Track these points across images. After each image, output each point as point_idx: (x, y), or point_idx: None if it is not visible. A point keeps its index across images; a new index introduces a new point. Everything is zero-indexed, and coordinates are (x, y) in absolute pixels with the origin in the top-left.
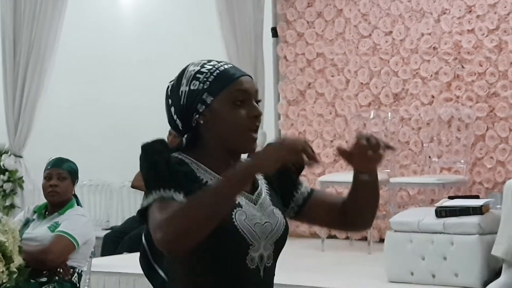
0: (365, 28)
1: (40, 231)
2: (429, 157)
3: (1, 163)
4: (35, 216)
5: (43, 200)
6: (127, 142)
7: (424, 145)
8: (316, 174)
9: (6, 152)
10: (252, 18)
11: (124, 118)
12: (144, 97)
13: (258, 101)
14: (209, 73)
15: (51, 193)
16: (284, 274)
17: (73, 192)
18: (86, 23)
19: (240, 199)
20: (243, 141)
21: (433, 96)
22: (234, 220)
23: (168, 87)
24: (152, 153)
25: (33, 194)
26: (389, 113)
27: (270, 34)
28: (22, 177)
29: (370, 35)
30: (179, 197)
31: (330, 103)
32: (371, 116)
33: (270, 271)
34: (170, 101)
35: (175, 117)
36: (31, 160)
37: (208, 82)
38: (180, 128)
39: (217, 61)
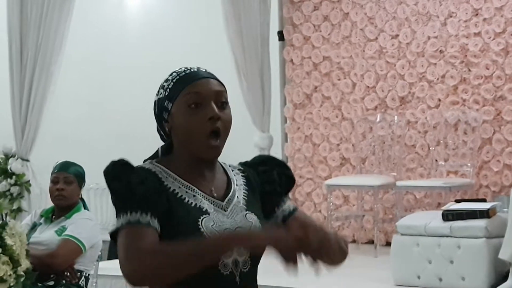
0: (372, 31)
1: (47, 235)
2: (436, 160)
3: (8, 167)
4: (42, 220)
5: (50, 204)
6: (134, 146)
7: (430, 148)
8: (323, 177)
9: (13, 156)
10: (259, 21)
11: (131, 121)
12: (150, 101)
13: (222, 103)
14: (170, 80)
15: (58, 196)
16: (290, 277)
17: (80, 196)
18: (92, 28)
19: (208, 206)
20: (201, 148)
21: (439, 100)
22: (200, 227)
23: None
24: (111, 178)
25: (40, 198)
26: (396, 117)
27: (277, 37)
28: (29, 180)
29: (377, 38)
30: (145, 219)
31: (337, 106)
32: (378, 119)
33: (248, 277)
34: (153, 113)
35: (158, 128)
36: (38, 163)
37: (168, 89)
38: (165, 137)
39: (185, 67)
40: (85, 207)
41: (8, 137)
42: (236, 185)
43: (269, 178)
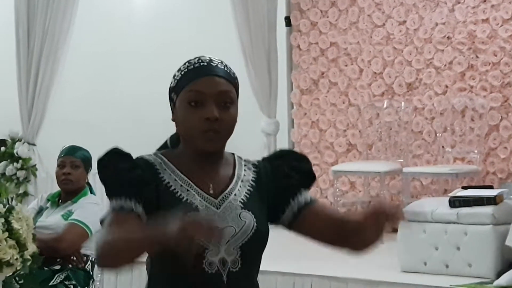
0: (379, 17)
1: (53, 219)
2: (443, 147)
3: (15, 151)
4: (48, 204)
5: (56, 188)
6: (141, 130)
7: (437, 135)
8: (329, 163)
9: (19, 140)
10: (266, 7)
11: (138, 106)
12: (158, 85)
13: (226, 103)
14: (181, 70)
15: (65, 181)
16: (297, 263)
17: (86, 180)
18: (99, 12)
19: (200, 203)
20: (197, 142)
21: (446, 86)
22: None
23: None
24: (102, 167)
25: (46, 182)
26: (403, 103)
27: (284, 23)
28: (35, 165)
29: (384, 24)
30: (129, 204)
31: (343, 92)
32: (385, 105)
33: (238, 276)
34: None
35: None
36: (44, 148)
37: (176, 81)
38: None
39: (197, 60)
40: (92, 192)
41: (15, 121)
42: (242, 181)
43: (283, 173)
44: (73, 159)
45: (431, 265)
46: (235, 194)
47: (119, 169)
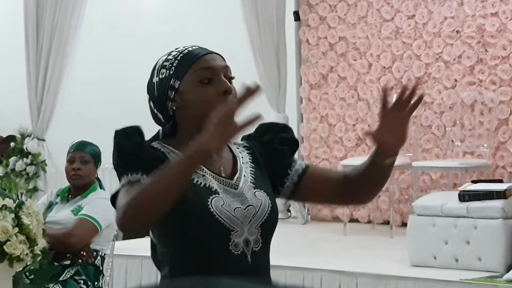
0: (388, 11)
1: (63, 215)
2: (452, 141)
3: (24, 146)
4: (58, 200)
5: (66, 184)
6: (150, 125)
7: (447, 129)
8: (338, 158)
9: (29, 135)
10: (274, 1)
11: (147, 101)
12: None
13: (230, 78)
14: (173, 59)
15: (74, 176)
16: (306, 257)
17: (96, 176)
18: (107, 9)
19: (218, 186)
20: None
21: (456, 80)
22: (210, 207)
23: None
24: (122, 137)
25: (56, 178)
26: None
27: (292, 17)
28: (45, 160)
29: (393, 18)
30: (147, 180)
31: (353, 87)
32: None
33: (259, 256)
34: (148, 96)
35: (155, 110)
36: (54, 143)
37: (173, 68)
38: (162, 120)
39: (184, 47)
40: (101, 187)
41: (24, 116)
42: (242, 163)
43: (274, 148)
44: (82, 155)
45: (440, 259)
46: (244, 175)
47: (142, 143)
